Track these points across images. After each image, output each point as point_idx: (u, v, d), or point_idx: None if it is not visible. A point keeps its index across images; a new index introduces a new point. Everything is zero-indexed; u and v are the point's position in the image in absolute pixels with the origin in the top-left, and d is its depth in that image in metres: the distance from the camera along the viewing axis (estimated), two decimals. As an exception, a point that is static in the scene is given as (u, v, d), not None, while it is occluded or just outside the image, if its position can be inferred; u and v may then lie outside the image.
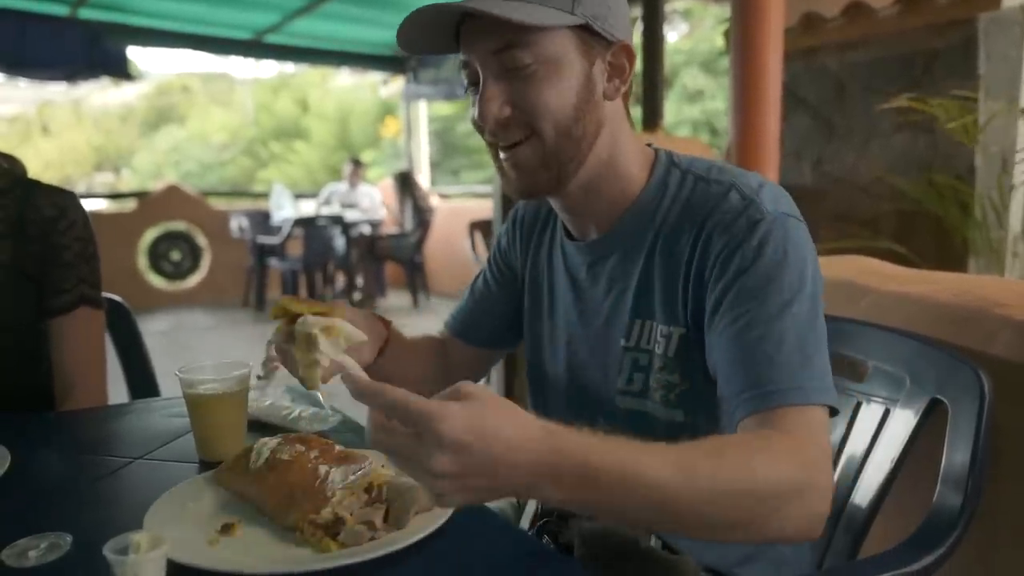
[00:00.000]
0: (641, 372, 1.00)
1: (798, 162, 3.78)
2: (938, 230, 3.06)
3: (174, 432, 1.14)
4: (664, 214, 0.99)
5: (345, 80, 21.15)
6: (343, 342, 0.90)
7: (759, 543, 0.81)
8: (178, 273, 8.05)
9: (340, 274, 7.61)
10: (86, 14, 6.38)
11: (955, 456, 1.10)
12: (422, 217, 7.58)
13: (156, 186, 8.58)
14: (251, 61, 19.15)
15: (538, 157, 0.95)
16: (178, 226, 8.01)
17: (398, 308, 7.45)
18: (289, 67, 19.80)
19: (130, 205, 8.23)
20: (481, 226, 5.30)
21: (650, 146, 1.06)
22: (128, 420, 1.25)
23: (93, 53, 6.27)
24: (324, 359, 0.88)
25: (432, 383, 1.16)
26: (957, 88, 2.90)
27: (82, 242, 1.39)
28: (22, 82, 7.57)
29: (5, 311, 1.33)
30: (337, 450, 0.90)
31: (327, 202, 7.72)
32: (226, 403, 1.02)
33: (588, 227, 1.06)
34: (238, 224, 7.56)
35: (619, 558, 0.93)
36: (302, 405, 1.22)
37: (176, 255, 8.03)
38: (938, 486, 1.10)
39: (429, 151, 9.78)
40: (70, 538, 0.78)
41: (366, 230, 7.44)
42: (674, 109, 14.70)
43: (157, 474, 0.99)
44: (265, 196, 8.44)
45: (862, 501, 1.19)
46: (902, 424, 1.18)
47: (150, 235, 7.89)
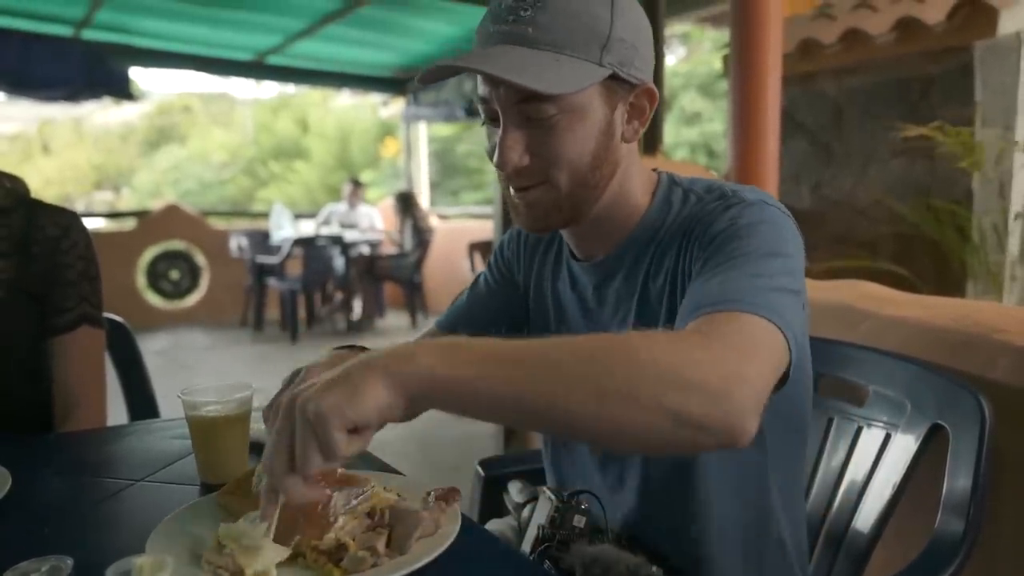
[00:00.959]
0: None
1: (797, 186, 3.80)
2: (936, 254, 3.07)
3: (175, 454, 1.13)
4: (666, 232, 1.00)
5: (345, 101, 21.25)
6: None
7: (666, 426, 0.68)
8: (177, 292, 8.05)
9: (339, 294, 7.62)
10: (89, 35, 6.43)
11: (956, 482, 1.10)
12: (421, 237, 7.60)
13: (156, 205, 8.61)
14: (252, 82, 19.27)
15: (552, 201, 0.96)
16: (177, 245, 8.03)
17: (396, 328, 7.44)
18: (290, 88, 19.88)
19: (129, 224, 8.24)
20: (480, 247, 5.32)
21: (654, 171, 1.07)
22: (129, 442, 1.25)
23: (95, 73, 6.32)
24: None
25: None
26: (953, 114, 2.92)
27: (85, 261, 1.40)
28: (23, 101, 7.58)
29: (7, 329, 1.34)
30: (339, 473, 0.90)
31: (326, 222, 7.75)
32: (229, 426, 1.02)
33: (594, 249, 1.07)
34: (237, 243, 7.57)
35: (621, 584, 0.93)
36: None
37: (175, 274, 8.04)
38: (940, 512, 1.09)
39: (429, 172, 9.82)
40: (71, 561, 0.77)
41: (365, 250, 7.45)
42: (672, 131, 14.78)
43: (158, 497, 0.99)
44: (265, 216, 8.47)
45: (863, 526, 1.19)
46: (903, 449, 1.19)
47: (149, 254, 7.90)
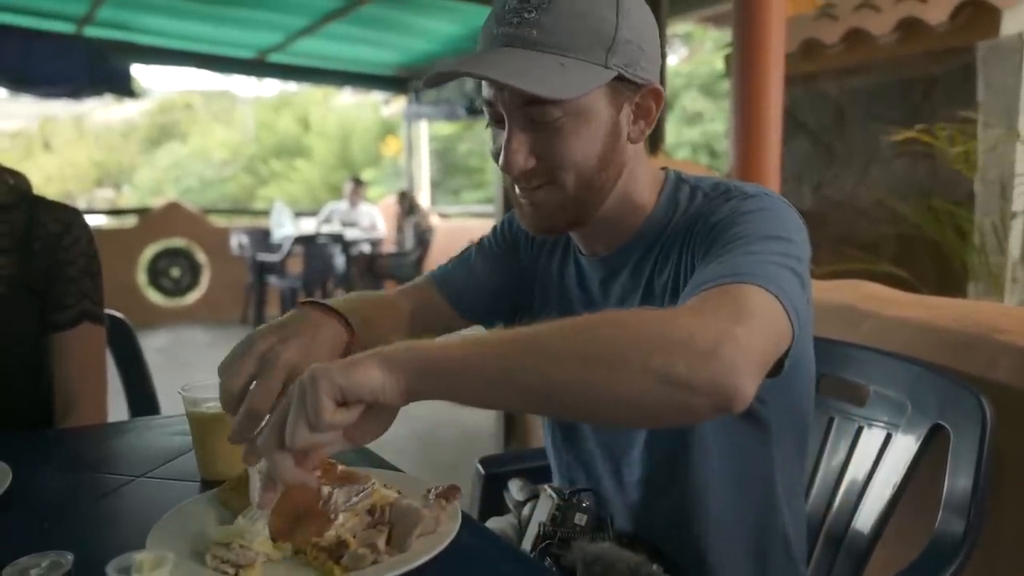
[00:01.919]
0: None
1: (798, 186, 3.80)
2: (938, 255, 3.07)
3: (175, 450, 1.13)
4: (672, 229, 1.00)
5: (347, 99, 21.25)
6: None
7: (655, 389, 0.66)
8: (177, 290, 8.05)
9: (339, 292, 7.61)
10: (91, 32, 6.43)
11: (957, 482, 1.10)
12: (422, 236, 7.60)
13: (157, 203, 8.60)
14: (254, 79, 19.29)
15: (558, 202, 0.96)
16: (178, 243, 8.03)
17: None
18: (291, 86, 19.91)
19: (130, 221, 8.25)
20: (481, 246, 5.31)
21: (662, 169, 1.07)
22: (129, 438, 1.25)
23: (97, 70, 6.31)
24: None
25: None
26: (956, 115, 2.92)
27: (86, 258, 1.40)
28: (25, 98, 7.58)
29: (9, 326, 1.34)
30: (340, 470, 0.90)
31: (327, 220, 7.75)
32: (229, 422, 1.01)
33: (601, 246, 1.07)
34: (238, 241, 7.56)
35: (622, 582, 0.93)
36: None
37: (176, 272, 8.04)
38: (940, 512, 1.09)
39: (430, 170, 9.82)
40: (72, 557, 0.77)
41: (366, 248, 7.45)
42: (674, 131, 14.78)
43: (159, 493, 0.99)
44: (265, 214, 8.47)
45: (864, 526, 1.19)
46: (903, 449, 1.19)
47: (150, 251, 7.91)
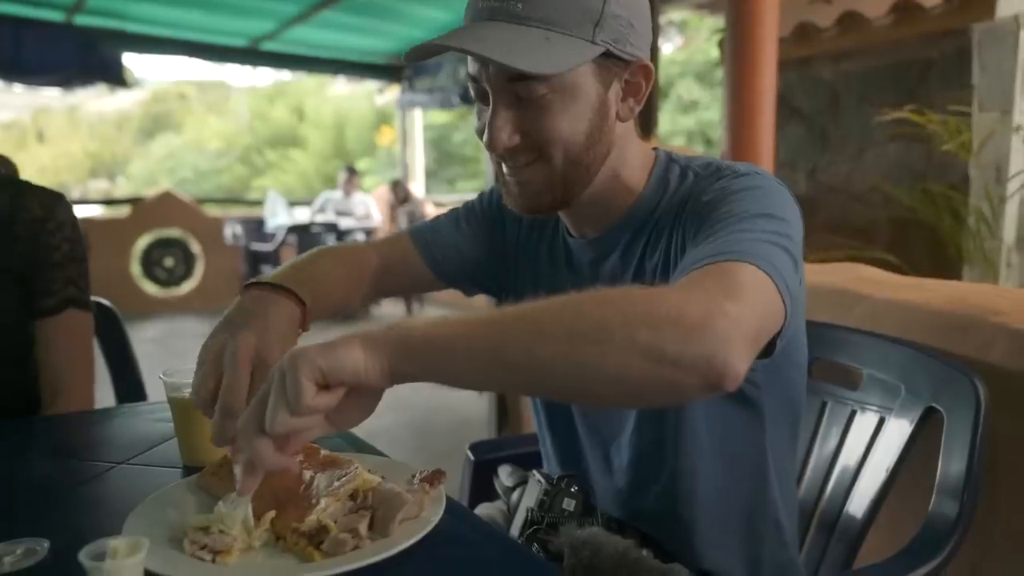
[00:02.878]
0: None
1: (792, 171, 3.79)
2: (932, 240, 3.06)
3: (159, 437, 1.12)
4: (662, 210, 0.98)
5: (341, 89, 21.17)
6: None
7: (642, 365, 0.65)
8: (171, 280, 8.02)
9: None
10: (81, 20, 6.37)
11: (951, 465, 1.09)
12: (417, 225, 7.57)
13: (150, 193, 8.56)
14: (247, 69, 19.20)
15: (544, 180, 0.94)
16: (172, 233, 7.99)
17: (392, 316, 7.43)
18: (285, 75, 19.79)
19: (124, 211, 8.20)
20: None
21: (655, 149, 1.05)
22: (113, 425, 1.23)
23: (88, 59, 6.28)
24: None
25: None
26: (952, 98, 2.91)
27: (71, 243, 1.37)
28: (17, 88, 7.54)
29: None
30: (322, 455, 0.88)
31: (322, 210, 7.72)
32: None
33: (590, 227, 1.05)
34: (232, 231, 7.54)
35: (609, 567, 0.92)
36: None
37: (170, 262, 8.00)
38: (934, 495, 1.08)
39: (424, 160, 9.78)
40: (47, 544, 0.76)
41: (360, 237, 7.42)
42: (669, 119, 14.75)
43: (140, 479, 0.97)
44: (260, 203, 8.43)
45: (857, 511, 1.18)
46: (897, 433, 1.17)
47: (143, 241, 7.87)
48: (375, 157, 19.22)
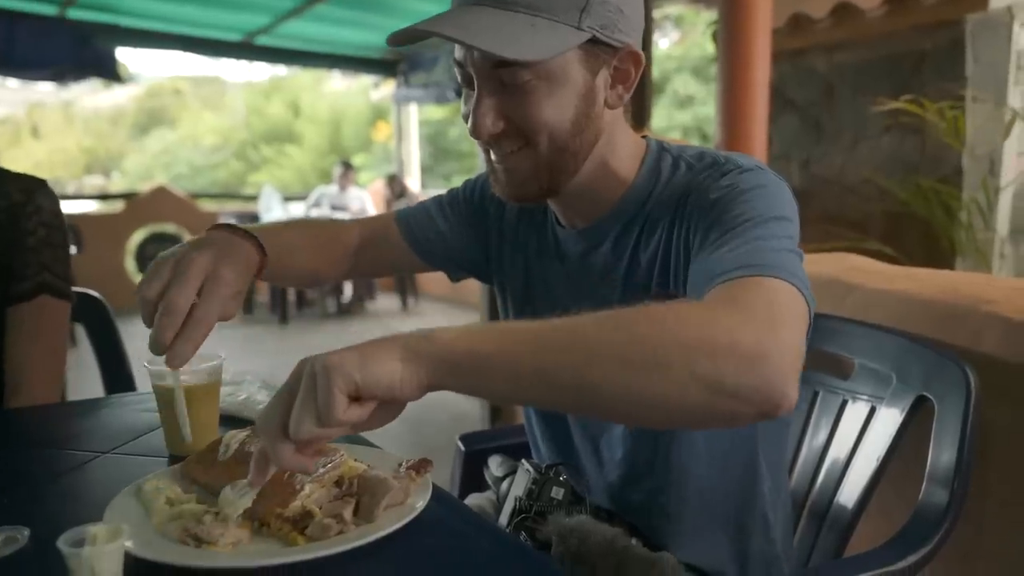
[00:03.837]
0: None
1: (786, 163, 3.79)
2: (926, 232, 3.06)
3: (145, 427, 1.11)
4: (656, 199, 0.97)
5: (337, 84, 21.14)
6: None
7: (700, 395, 0.63)
8: (166, 275, 7.98)
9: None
10: (75, 14, 6.34)
11: (941, 453, 1.08)
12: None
13: (145, 188, 8.53)
14: (243, 64, 19.18)
15: (531, 167, 0.93)
16: (166, 228, 7.97)
17: (387, 311, 7.42)
18: (281, 70, 19.81)
19: (118, 207, 8.18)
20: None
21: (644, 137, 1.04)
22: (99, 415, 1.22)
23: (82, 54, 6.24)
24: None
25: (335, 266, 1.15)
26: (945, 89, 2.90)
27: (48, 228, 1.35)
28: (11, 83, 7.50)
29: None
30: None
31: (317, 204, 7.69)
32: (196, 395, 0.99)
33: (580, 217, 1.04)
34: (227, 226, 7.50)
35: (597, 555, 0.91)
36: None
37: (164, 257, 7.97)
38: (924, 483, 1.08)
39: (420, 155, 9.76)
40: (28, 532, 0.75)
41: (355, 233, 7.40)
42: (665, 114, 14.73)
43: (124, 469, 0.96)
44: (255, 199, 8.41)
45: (847, 500, 1.18)
46: (888, 422, 1.17)
47: (138, 236, 7.85)
48: (371, 152, 19.18)
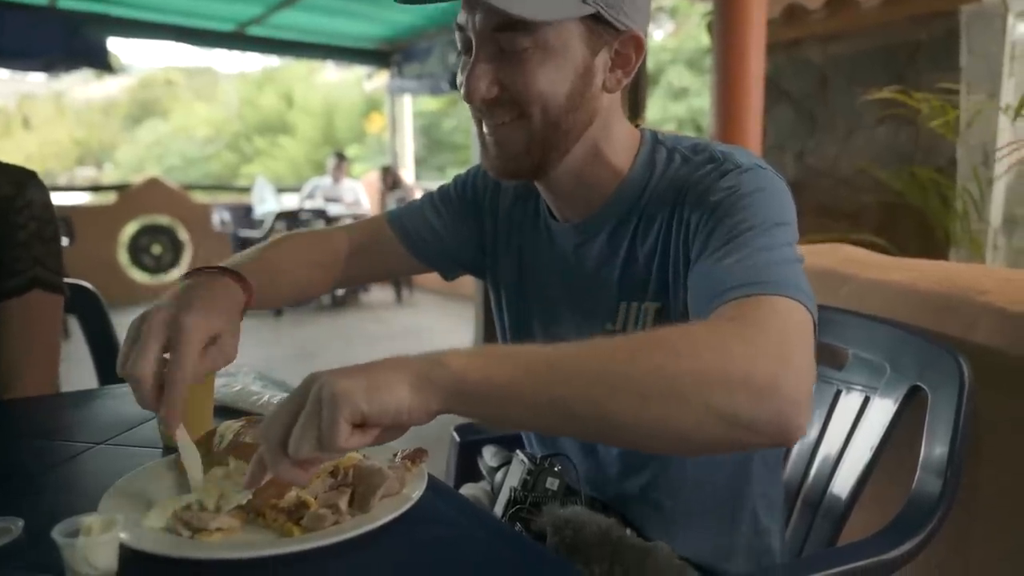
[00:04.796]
0: None
1: (781, 154, 3.79)
2: (920, 223, 3.07)
3: (139, 418, 1.10)
4: (651, 193, 0.96)
5: (331, 75, 21.05)
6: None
7: (715, 427, 0.64)
8: (159, 267, 7.96)
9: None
10: (65, 4, 6.29)
11: (935, 443, 1.09)
12: (406, 212, 7.53)
13: (137, 180, 8.49)
14: (235, 55, 19.08)
15: (523, 140, 0.92)
16: (159, 220, 7.93)
17: (382, 303, 7.41)
18: (274, 61, 19.70)
19: (110, 198, 8.14)
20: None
21: (638, 126, 1.03)
22: (93, 406, 1.22)
23: (72, 44, 6.19)
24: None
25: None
26: (940, 80, 2.90)
27: (39, 222, 1.33)
28: (2, 74, 7.45)
29: None
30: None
31: (310, 196, 7.67)
32: (191, 386, 0.98)
33: (574, 209, 1.03)
34: (220, 218, 7.49)
35: (592, 546, 0.91)
36: (272, 391, 1.19)
37: (157, 249, 7.94)
38: (918, 473, 1.09)
39: (414, 147, 9.73)
40: (22, 523, 0.75)
41: (349, 224, 7.38)
42: (659, 106, 14.71)
43: (119, 460, 0.96)
44: (248, 190, 8.38)
45: (841, 490, 1.18)
46: (882, 412, 1.17)
47: (130, 228, 7.81)
48: (364, 144, 19.13)
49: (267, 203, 7.23)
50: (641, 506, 1.05)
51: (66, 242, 6.39)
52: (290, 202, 7.73)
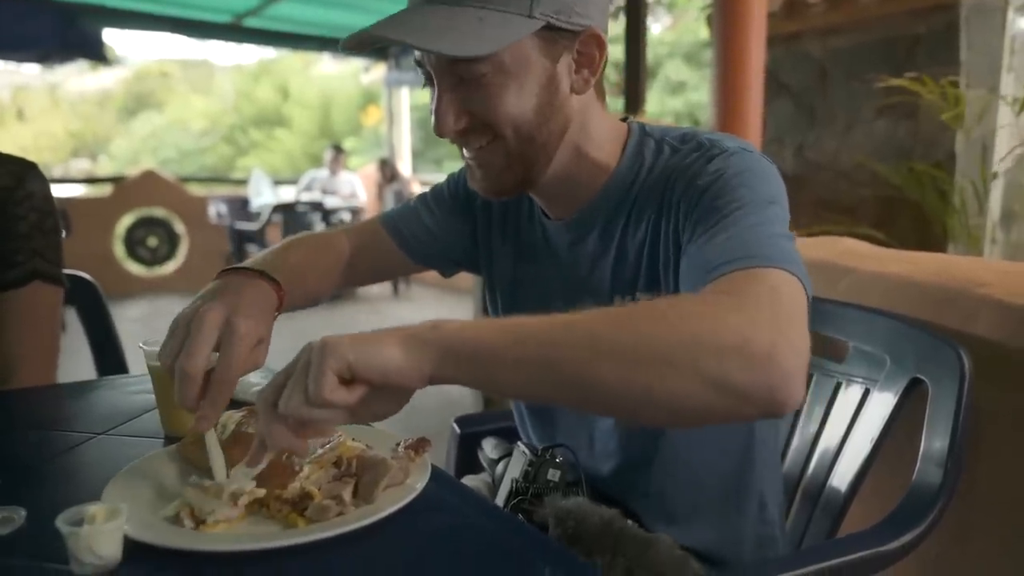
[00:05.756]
0: None
1: (780, 148, 3.78)
2: (918, 217, 3.07)
3: (140, 408, 1.10)
4: (640, 185, 0.96)
5: (327, 68, 20.98)
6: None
7: (705, 394, 0.63)
8: (155, 259, 7.95)
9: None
10: (60, -6, 6.26)
11: (935, 435, 1.09)
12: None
13: (133, 172, 8.46)
14: (231, 47, 19.02)
15: (503, 160, 0.92)
16: (155, 212, 7.90)
17: (378, 296, 7.40)
18: (270, 53, 19.66)
19: (106, 190, 8.11)
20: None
21: (625, 119, 1.03)
22: (93, 397, 1.21)
23: (67, 35, 6.15)
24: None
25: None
26: (939, 74, 2.90)
27: (39, 214, 1.33)
28: (-4, 65, 7.41)
29: None
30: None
31: (307, 188, 7.66)
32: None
33: (565, 208, 1.03)
34: (216, 210, 7.47)
35: (594, 537, 0.91)
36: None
37: (153, 241, 7.92)
38: (918, 464, 1.09)
39: (411, 139, 9.71)
40: (24, 512, 0.75)
41: (346, 216, 7.37)
42: (657, 100, 14.69)
43: (120, 450, 0.96)
44: (244, 183, 8.36)
45: (841, 482, 1.18)
46: (882, 404, 1.18)
47: (126, 221, 7.78)
48: (361, 137, 19.10)
49: (264, 196, 7.22)
50: (643, 497, 1.05)
51: (63, 234, 6.37)
52: (287, 195, 7.71)
